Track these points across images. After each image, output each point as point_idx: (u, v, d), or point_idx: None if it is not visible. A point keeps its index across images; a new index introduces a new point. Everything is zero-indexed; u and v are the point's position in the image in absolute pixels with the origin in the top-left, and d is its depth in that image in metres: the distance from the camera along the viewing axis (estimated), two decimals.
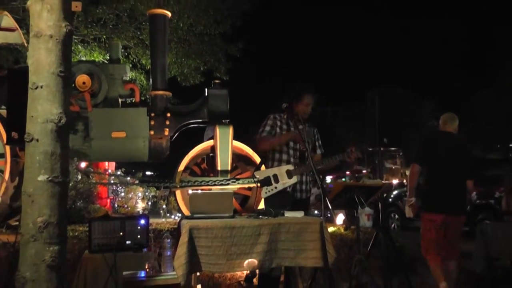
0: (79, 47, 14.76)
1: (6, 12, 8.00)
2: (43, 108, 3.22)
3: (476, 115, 24.63)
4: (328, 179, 20.75)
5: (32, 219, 3.15)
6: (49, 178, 3.18)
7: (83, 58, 14.30)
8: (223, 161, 7.95)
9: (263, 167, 5.28)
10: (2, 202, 4.85)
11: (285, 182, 4.89)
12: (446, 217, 5.25)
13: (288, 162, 5.02)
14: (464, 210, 5.50)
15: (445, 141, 5.48)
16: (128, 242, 4.56)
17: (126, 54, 15.30)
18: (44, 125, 3.21)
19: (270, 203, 4.84)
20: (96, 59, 14.22)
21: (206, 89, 8.64)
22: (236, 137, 8.08)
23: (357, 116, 21.69)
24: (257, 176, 4.97)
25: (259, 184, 4.98)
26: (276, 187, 4.89)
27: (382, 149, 5.87)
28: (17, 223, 7.32)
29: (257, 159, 7.49)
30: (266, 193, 4.91)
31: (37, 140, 3.20)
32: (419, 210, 5.58)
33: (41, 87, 3.22)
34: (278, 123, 5.13)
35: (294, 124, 5.06)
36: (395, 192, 13.76)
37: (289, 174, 4.90)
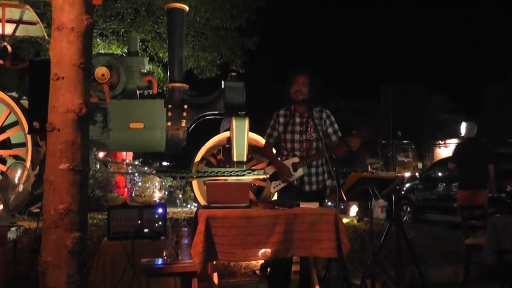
0: (98, 40, 14.92)
1: (28, 6, 8.14)
2: (65, 99, 3.26)
3: (488, 109, 24.36)
4: None
5: (54, 206, 3.20)
6: (70, 167, 3.22)
7: (102, 51, 14.44)
8: (239, 152, 8.04)
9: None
10: (24, 189, 4.96)
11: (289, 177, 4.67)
12: (470, 191, 7.79)
13: (294, 155, 4.74)
14: (483, 186, 7.86)
15: (468, 144, 8.26)
16: (146, 230, 4.61)
17: (144, 47, 15.41)
18: (65, 115, 3.24)
19: (282, 196, 4.71)
20: (115, 52, 14.37)
21: (222, 82, 8.72)
22: (252, 129, 8.16)
23: (370, 110, 21.60)
24: (267, 171, 4.85)
25: (268, 179, 4.89)
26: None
27: (395, 142, 5.89)
28: (38, 210, 7.46)
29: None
30: (274, 187, 4.78)
31: (59, 130, 3.24)
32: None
33: (63, 78, 3.26)
34: (281, 119, 4.82)
35: (299, 114, 4.77)
36: (407, 185, 13.66)
37: (294, 167, 4.67)
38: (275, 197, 6.82)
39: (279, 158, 4.85)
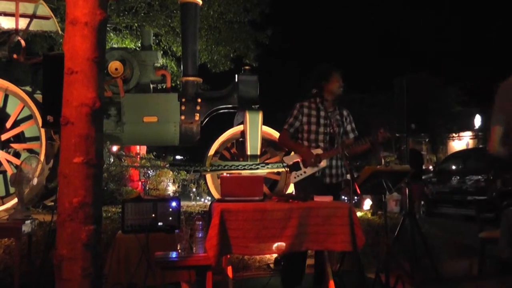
0: (111, 34, 14.96)
1: (41, 1, 8.16)
2: (78, 93, 3.25)
3: None
4: None
5: (69, 199, 3.20)
6: (84, 161, 3.22)
7: (115, 45, 14.48)
8: (253, 146, 8.03)
9: (292, 152, 5.26)
10: (38, 183, 5.00)
11: (314, 166, 4.80)
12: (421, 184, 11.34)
13: (317, 146, 4.89)
14: (420, 180, 11.70)
15: (413, 152, 10.77)
16: (160, 223, 4.62)
17: (157, 41, 15.42)
18: (79, 109, 3.24)
19: (300, 188, 4.81)
20: (128, 46, 14.39)
21: (236, 75, 8.70)
22: (265, 122, 8.15)
23: (382, 103, 21.51)
24: (286, 161, 4.92)
25: (287, 169, 4.92)
26: (305, 172, 4.81)
27: (409, 135, 5.86)
28: (52, 203, 7.51)
29: None
30: (295, 178, 4.83)
31: (73, 124, 3.24)
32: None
33: (76, 72, 3.25)
34: (306, 110, 4.96)
35: (324, 108, 4.89)
36: None
37: (318, 158, 4.80)
38: (291, 187, 6.87)
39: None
